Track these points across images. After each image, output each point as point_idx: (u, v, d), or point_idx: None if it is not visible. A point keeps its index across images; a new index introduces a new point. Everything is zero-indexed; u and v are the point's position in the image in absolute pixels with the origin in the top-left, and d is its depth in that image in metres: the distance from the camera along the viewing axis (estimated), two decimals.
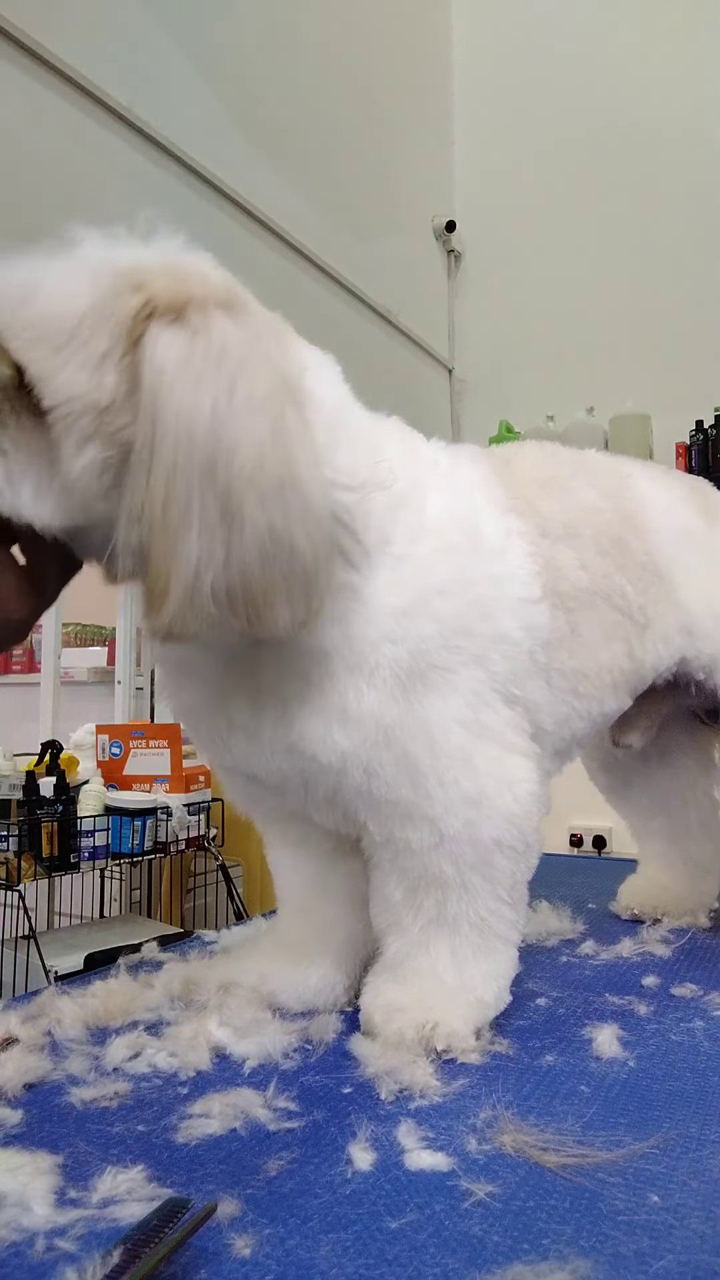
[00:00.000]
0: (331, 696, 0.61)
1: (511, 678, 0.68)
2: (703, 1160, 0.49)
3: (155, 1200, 0.45)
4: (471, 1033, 0.64)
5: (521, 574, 0.69)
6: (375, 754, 0.63)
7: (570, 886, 1.09)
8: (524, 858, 0.67)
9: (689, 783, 1.00)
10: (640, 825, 1.04)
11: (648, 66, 3.29)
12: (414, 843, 0.65)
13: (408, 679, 0.62)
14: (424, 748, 0.63)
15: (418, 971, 0.66)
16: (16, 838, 1.80)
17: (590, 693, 0.75)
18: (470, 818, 0.64)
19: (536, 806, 0.67)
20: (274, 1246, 0.42)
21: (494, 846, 0.65)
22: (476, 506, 0.70)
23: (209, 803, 2.11)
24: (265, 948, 0.78)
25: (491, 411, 3.36)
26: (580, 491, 0.79)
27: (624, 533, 0.79)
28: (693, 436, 3.00)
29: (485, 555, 0.68)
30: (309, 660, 0.61)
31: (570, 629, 0.73)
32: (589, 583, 0.75)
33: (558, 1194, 0.46)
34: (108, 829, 1.92)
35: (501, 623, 0.67)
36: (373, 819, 0.66)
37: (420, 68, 3.50)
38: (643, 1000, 0.73)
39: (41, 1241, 0.42)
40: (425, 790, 0.63)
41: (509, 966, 0.68)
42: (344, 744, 0.62)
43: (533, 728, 0.70)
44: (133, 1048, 0.64)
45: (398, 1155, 0.50)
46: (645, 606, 0.79)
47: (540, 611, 0.70)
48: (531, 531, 0.72)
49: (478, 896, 0.65)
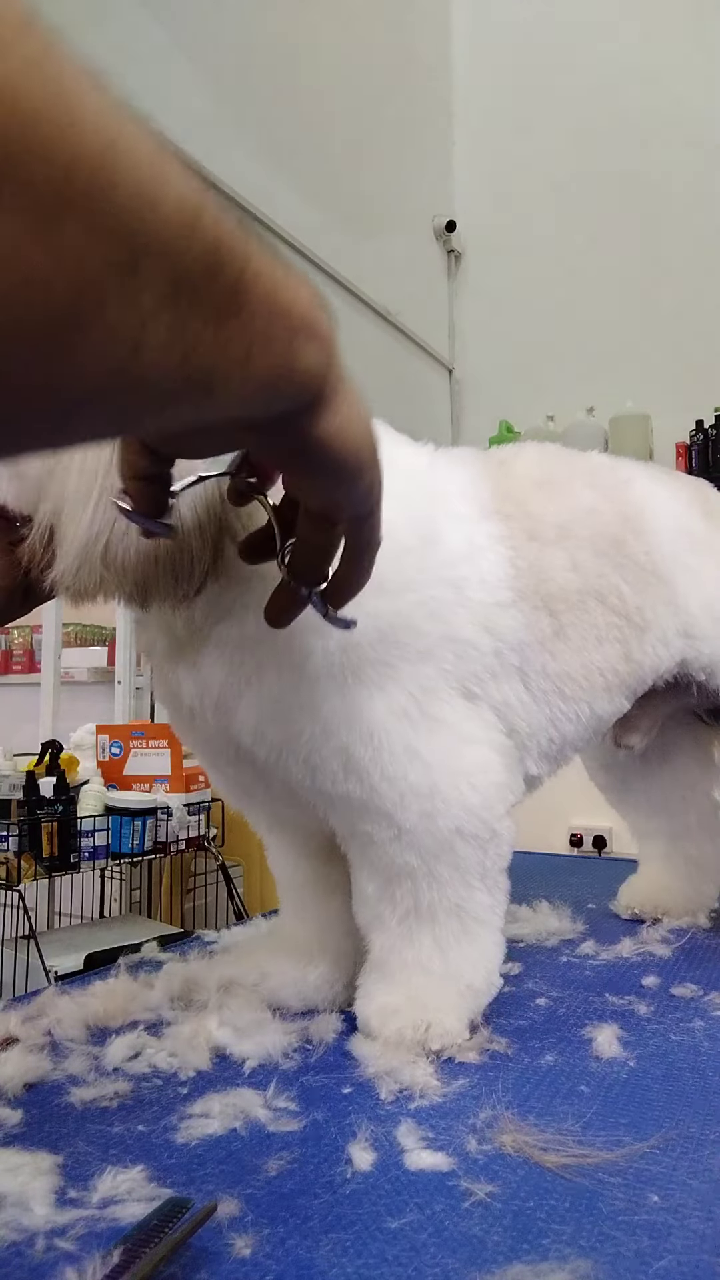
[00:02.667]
0: (261, 687, 0.62)
1: (470, 676, 0.67)
2: (703, 1160, 0.49)
3: (155, 1200, 0.45)
4: (466, 1026, 0.64)
5: (490, 578, 0.69)
6: (314, 748, 0.63)
7: (570, 886, 1.09)
8: (491, 845, 0.67)
9: (689, 783, 1.00)
10: (640, 825, 1.04)
11: (648, 66, 3.29)
12: (375, 835, 0.65)
13: (341, 673, 0.62)
14: (363, 742, 0.63)
15: (404, 965, 0.66)
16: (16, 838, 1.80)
17: (578, 695, 0.74)
18: (425, 809, 0.64)
19: (501, 794, 0.67)
20: (274, 1246, 0.42)
21: (454, 835, 0.65)
22: (444, 511, 0.69)
23: (209, 803, 2.11)
24: (266, 947, 0.78)
25: (491, 412, 3.36)
26: (579, 493, 0.78)
27: (623, 534, 0.79)
28: (693, 436, 3.00)
29: (442, 559, 0.67)
30: (238, 647, 0.62)
31: (554, 631, 0.73)
32: (581, 584, 0.74)
33: (558, 1194, 0.46)
34: (108, 829, 1.92)
35: (454, 624, 0.67)
36: (332, 814, 0.67)
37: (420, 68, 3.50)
38: (643, 1000, 0.73)
39: (41, 1241, 0.42)
40: (371, 785, 0.63)
41: (494, 949, 0.68)
42: (276, 738, 0.62)
43: (505, 728, 0.70)
44: (133, 1048, 0.64)
45: (398, 1155, 0.50)
46: (644, 608, 0.78)
47: (512, 615, 0.70)
48: (516, 535, 0.72)
49: (448, 884, 0.65)
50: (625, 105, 3.31)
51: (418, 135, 3.49)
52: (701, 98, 3.20)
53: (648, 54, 3.29)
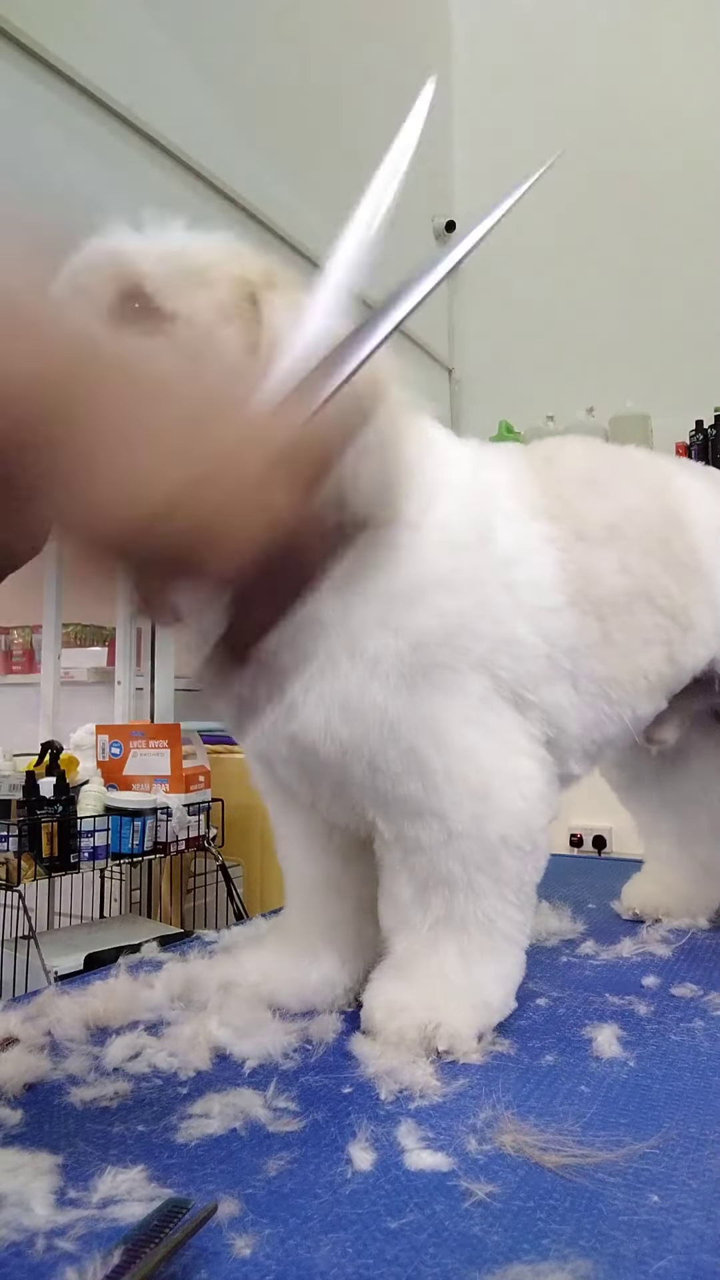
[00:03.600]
0: (332, 683, 0.61)
1: (522, 682, 0.67)
2: (703, 1160, 0.49)
3: (155, 1200, 0.45)
4: (474, 1035, 0.64)
5: (543, 581, 0.69)
6: (381, 748, 0.63)
7: (570, 886, 1.09)
8: (531, 858, 0.67)
9: (703, 785, 0.98)
10: (649, 824, 1.03)
11: (648, 66, 3.29)
12: (423, 840, 0.65)
13: (411, 673, 0.62)
14: (430, 743, 0.63)
15: (425, 971, 0.66)
16: (16, 838, 1.80)
17: (623, 699, 0.74)
18: (477, 812, 0.64)
19: (543, 806, 0.67)
20: (274, 1246, 0.42)
21: (500, 844, 0.65)
22: (497, 510, 0.69)
23: (209, 803, 2.11)
24: (268, 945, 0.77)
25: (491, 411, 3.36)
26: (625, 491, 0.77)
27: (668, 531, 0.78)
28: (693, 436, 3.01)
29: (497, 559, 0.67)
30: (308, 630, 0.61)
31: (603, 636, 0.72)
32: (629, 586, 0.73)
33: (558, 1194, 0.46)
34: (108, 829, 1.92)
35: (514, 627, 0.66)
36: (381, 816, 0.66)
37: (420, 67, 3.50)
38: (643, 1000, 0.73)
39: (41, 1241, 0.42)
40: (433, 784, 0.63)
41: (516, 969, 0.68)
42: (344, 735, 0.62)
43: (553, 731, 0.70)
44: (133, 1048, 0.64)
45: (398, 1155, 0.50)
46: (689, 607, 0.77)
47: (563, 619, 0.69)
48: (566, 536, 0.71)
49: (485, 896, 0.65)
50: (625, 105, 3.31)
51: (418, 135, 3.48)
52: (702, 98, 3.20)
53: (648, 54, 3.29)
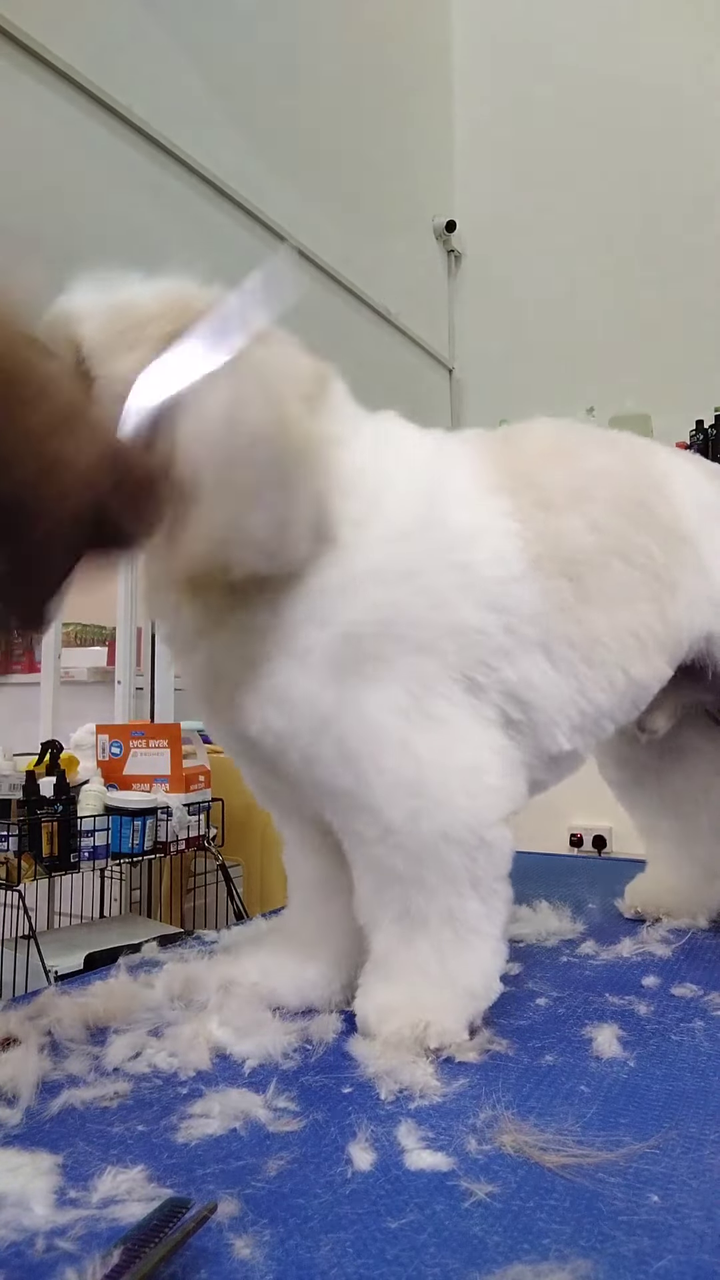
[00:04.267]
0: (267, 680, 0.63)
1: (475, 664, 0.66)
2: (703, 1160, 0.49)
3: (155, 1200, 0.45)
4: (464, 1028, 0.64)
5: (501, 552, 0.68)
6: (313, 740, 0.63)
7: (570, 886, 1.09)
8: (480, 852, 0.65)
9: (702, 785, 0.98)
10: (649, 825, 1.02)
11: (648, 66, 3.29)
12: (364, 834, 0.65)
13: (340, 665, 0.63)
14: (361, 736, 0.63)
15: (404, 966, 0.66)
16: (16, 838, 1.80)
17: (608, 659, 0.73)
18: (413, 808, 0.63)
19: (495, 799, 0.66)
20: (274, 1246, 0.42)
21: (439, 839, 0.64)
22: (451, 492, 0.69)
23: (209, 803, 2.11)
24: (268, 945, 0.78)
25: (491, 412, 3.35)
26: (591, 457, 0.78)
27: (647, 495, 0.78)
28: (693, 436, 3.00)
29: (448, 542, 0.67)
30: (249, 636, 0.63)
31: (577, 595, 0.71)
32: (601, 543, 0.73)
33: (558, 1194, 0.46)
34: (108, 829, 1.92)
35: (460, 611, 0.66)
36: (327, 808, 0.67)
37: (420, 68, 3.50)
38: (643, 1000, 0.73)
39: (41, 1241, 0.42)
40: (365, 779, 0.63)
41: (491, 957, 0.67)
42: (279, 728, 0.63)
43: (520, 710, 0.69)
44: (133, 1048, 0.64)
45: (398, 1155, 0.50)
46: (671, 566, 0.77)
47: (525, 586, 0.69)
48: (525, 506, 0.71)
49: (437, 891, 0.65)
50: (625, 105, 3.31)
51: (418, 135, 3.49)
52: (702, 98, 3.20)
53: (648, 54, 3.29)
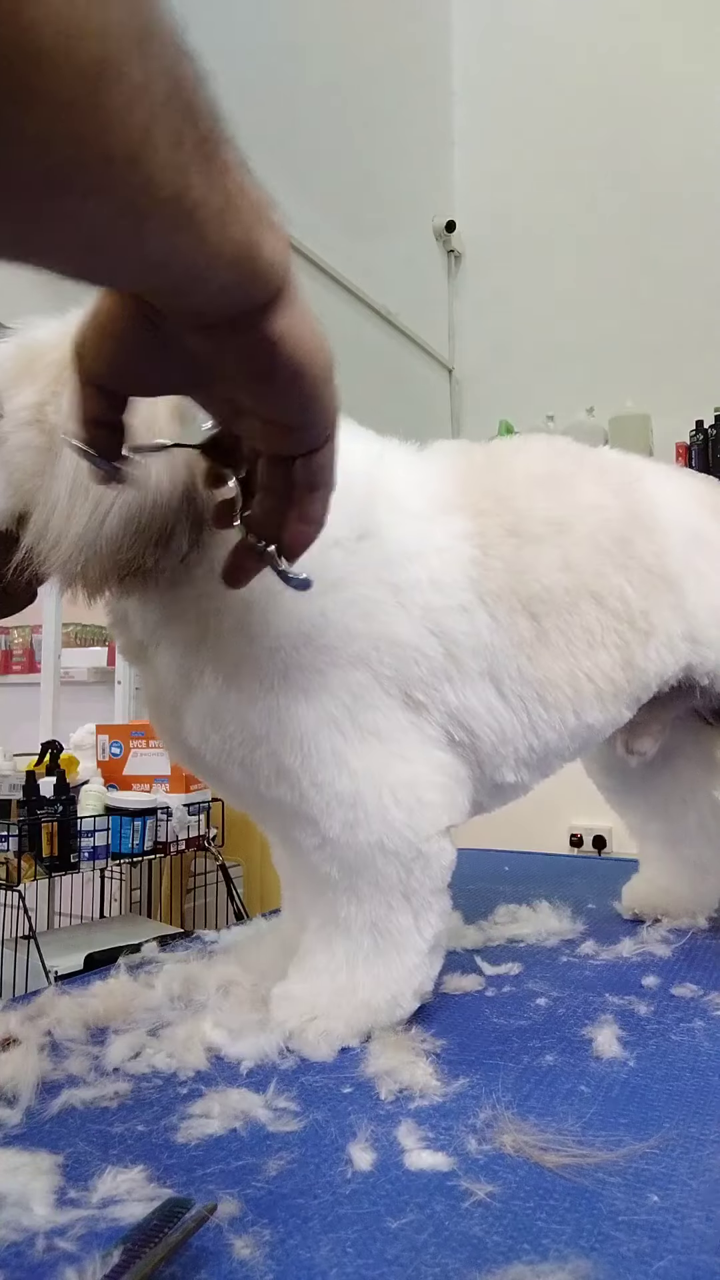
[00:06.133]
0: (202, 690, 0.63)
1: (413, 682, 0.66)
2: (703, 1160, 0.49)
3: (155, 1200, 0.45)
4: (353, 1035, 0.64)
5: (444, 579, 0.67)
6: (248, 754, 0.63)
7: (570, 886, 1.09)
8: (416, 864, 0.65)
9: (690, 785, 0.98)
10: (640, 827, 1.03)
11: (648, 66, 3.29)
12: (302, 842, 0.65)
13: (268, 677, 0.62)
14: (291, 747, 0.63)
15: (315, 968, 0.67)
16: (16, 838, 1.80)
17: (562, 702, 0.71)
18: (348, 819, 0.63)
19: (433, 813, 0.65)
20: (274, 1246, 0.42)
21: (374, 850, 0.64)
22: (390, 509, 0.67)
23: (209, 803, 2.11)
24: (267, 946, 0.78)
25: (491, 412, 3.36)
26: (582, 488, 0.76)
27: (631, 532, 0.76)
28: (693, 436, 3.00)
29: (379, 558, 0.65)
30: (186, 650, 0.64)
31: (536, 635, 0.70)
32: (573, 583, 0.71)
33: (558, 1194, 0.46)
34: (108, 829, 1.92)
35: (392, 627, 0.65)
36: (268, 818, 0.67)
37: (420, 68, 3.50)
38: (643, 1000, 0.73)
39: (41, 1241, 0.42)
40: (301, 792, 0.64)
41: (405, 972, 0.66)
42: (216, 741, 0.64)
43: (464, 734, 0.68)
44: (133, 1048, 0.64)
45: (398, 1155, 0.50)
46: (649, 612, 0.75)
47: (472, 618, 0.67)
48: (489, 531, 0.69)
49: (366, 901, 0.65)
50: (626, 105, 3.31)
51: (418, 135, 3.49)
52: (702, 98, 3.20)
53: (649, 54, 3.29)
